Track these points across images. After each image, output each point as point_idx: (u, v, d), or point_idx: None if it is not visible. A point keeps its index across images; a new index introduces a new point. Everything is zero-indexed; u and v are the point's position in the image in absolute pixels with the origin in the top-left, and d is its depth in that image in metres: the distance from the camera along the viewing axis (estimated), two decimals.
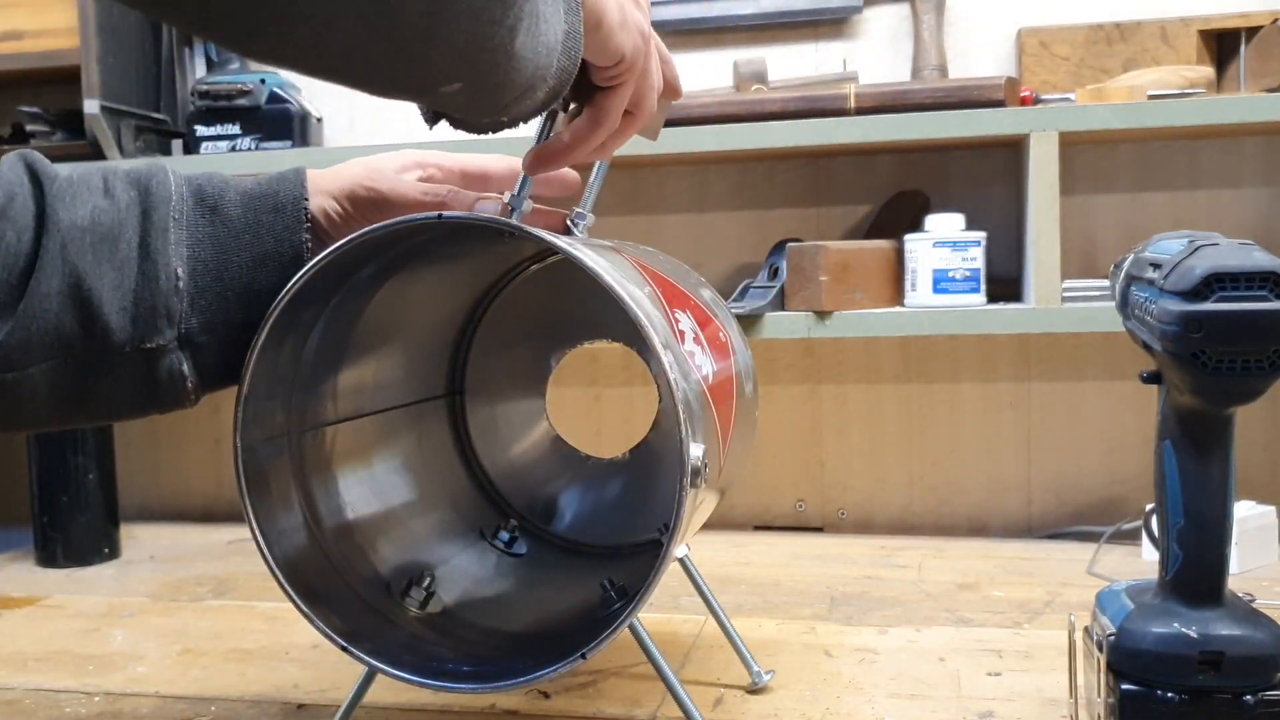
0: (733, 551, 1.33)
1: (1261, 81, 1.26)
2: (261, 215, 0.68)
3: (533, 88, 0.53)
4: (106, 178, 0.67)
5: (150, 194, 0.66)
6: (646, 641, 0.73)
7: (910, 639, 0.98)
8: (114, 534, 1.39)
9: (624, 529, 0.90)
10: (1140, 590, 0.72)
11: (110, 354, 0.65)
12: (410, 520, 0.83)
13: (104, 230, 0.64)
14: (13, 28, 1.48)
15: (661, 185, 1.50)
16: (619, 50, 0.59)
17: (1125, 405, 1.39)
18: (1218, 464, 0.67)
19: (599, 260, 0.63)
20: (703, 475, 0.61)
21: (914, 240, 1.28)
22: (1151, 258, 0.68)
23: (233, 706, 0.87)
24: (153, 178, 0.67)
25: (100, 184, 0.66)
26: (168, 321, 0.65)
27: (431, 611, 0.76)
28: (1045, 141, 1.21)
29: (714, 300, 0.83)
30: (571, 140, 0.64)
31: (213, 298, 0.66)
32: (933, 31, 1.39)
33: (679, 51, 1.51)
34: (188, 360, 0.66)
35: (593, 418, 1.50)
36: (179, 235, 0.66)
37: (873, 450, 1.46)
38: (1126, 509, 1.36)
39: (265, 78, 1.48)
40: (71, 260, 0.63)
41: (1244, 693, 0.65)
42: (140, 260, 0.65)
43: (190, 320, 0.66)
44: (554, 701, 0.85)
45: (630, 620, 0.64)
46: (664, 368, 0.61)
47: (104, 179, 0.67)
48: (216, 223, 0.67)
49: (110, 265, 0.64)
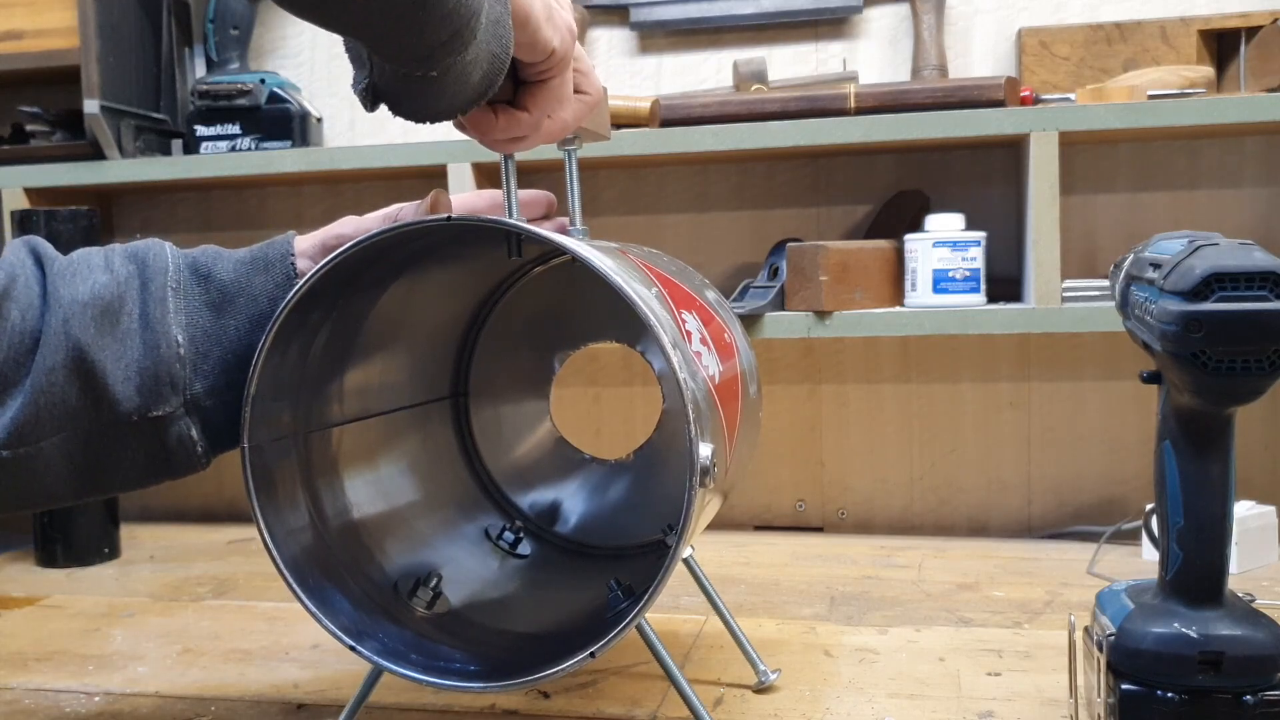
0: (733, 551, 1.33)
1: (1261, 81, 1.26)
2: (253, 277, 0.70)
3: (459, 34, 0.53)
4: (106, 255, 0.70)
5: (147, 266, 0.69)
6: (654, 641, 0.73)
7: (910, 639, 0.98)
8: (114, 534, 1.39)
9: (628, 530, 0.90)
10: (1140, 590, 0.72)
11: (119, 424, 0.67)
12: (416, 521, 0.83)
13: (105, 304, 0.67)
14: (12, 28, 1.48)
15: (661, 185, 1.50)
16: (547, 45, 0.61)
17: (1125, 405, 1.39)
18: (1218, 464, 0.67)
19: (606, 261, 0.63)
20: (711, 475, 0.61)
21: (914, 240, 1.28)
22: (1151, 258, 0.69)
23: (233, 706, 0.87)
24: (149, 251, 0.70)
25: (101, 261, 0.69)
26: (172, 389, 0.67)
27: (438, 611, 0.77)
28: (1045, 141, 1.21)
29: (718, 301, 0.84)
30: (505, 121, 0.64)
31: (214, 362, 0.68)
32: (932, 31, 1.39)
33: (679, 51, 1.51)
34: (196, 425, 0.68)
35: (592, 418, 1.50)
36: (177, 304, 0.68)
37: (873, 450, 1.46)
38: (1126, 509, 1.36)
39: (265, 77, 1.48)
40: (74, 334, 0.65)
41: (1244, 693, 0.65)
42: (141, 330, 0.67)
43: (194, 385, 0.68)
44: (554, 701, 0.85)
45: (639, 620, 0.64)
46: (673, 368, 0.61)
47: (104, 257, 0.69)
48: (211, 289, 0.69)
49: (112, 337, 0.66)
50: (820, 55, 1.48)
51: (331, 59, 1.61)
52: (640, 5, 1.49)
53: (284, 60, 1.62)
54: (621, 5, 1.50)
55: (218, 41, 1.51)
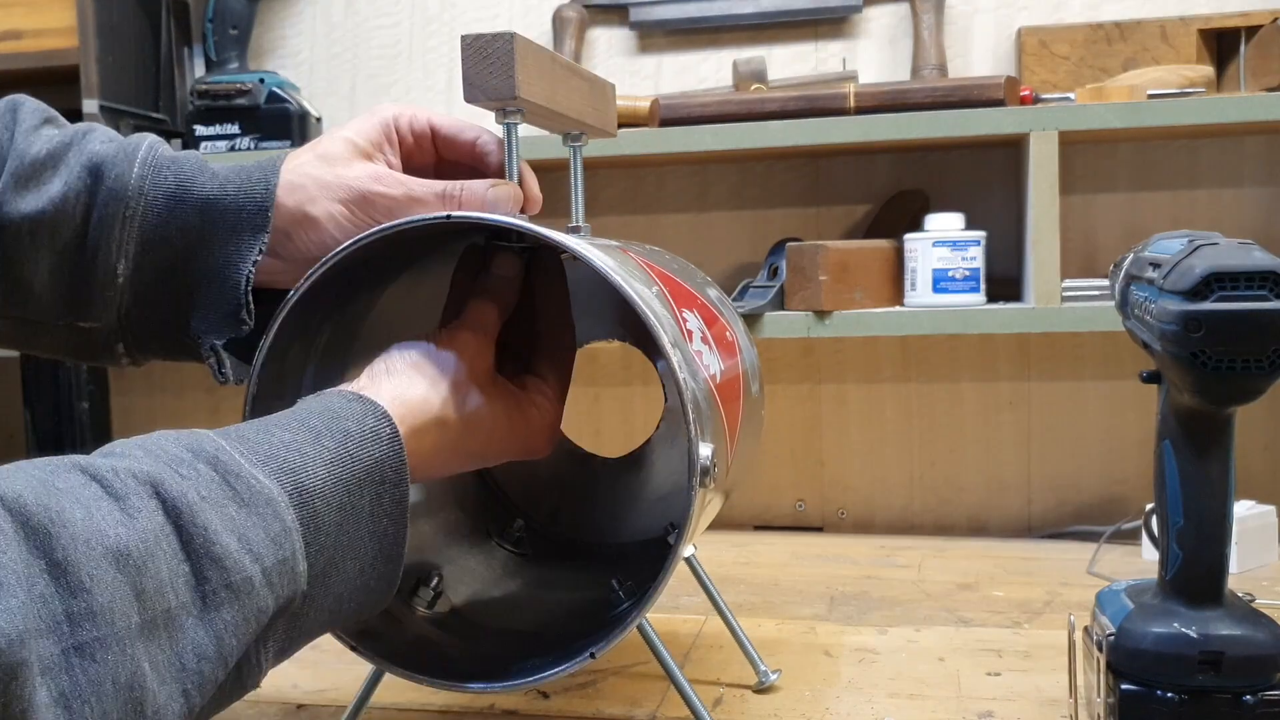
0: (733, 551, 1.33)
1: (1261, 81, 1.26)
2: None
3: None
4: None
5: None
6: (655, 641, 0.73)
7: (910, 639, 0.98)
8: None
9: (630, 529, 0.90)
10: (1140, 590, 0.72)
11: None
12: (417, 520, 0.83)
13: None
14: (12, 27, 1.48)
15: (661, 185, 1.50)
16: None
17: (1125, 405, 1.39)
18: (1218, 464, 0.67)
19: (606, 260, 0.63)
20: (712, 475, 0.61)
21: (914, 240, 1.28)
22: (1151, 257, 0.69)
23: (232, 706, 0.87)
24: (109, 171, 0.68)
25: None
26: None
27: (439, 611, 0.76)
28: (1045, 141, 1.21)
29: (720, 299, 0.83)
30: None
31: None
32: (932, 31, 1.39)
33: (679, 51, 1.51)
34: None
35: (592, 418, 1.50)
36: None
37: (872, 450, 1.46)
38: (1126, 509, 1.36)
39: (264, 77, 1.48)
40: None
41: (1244, 693, 0.65)
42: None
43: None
44: (553, 701, 0.85)
45: (639, 620, 0.64)
46: (673, 367, 0.61)
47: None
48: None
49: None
50: (820, 55, 1.48)
51: (331, 59, 1.61)
52: (640, 5, 1.49)
53: (283, 60, 1.62)
54: (621, 5, 1.50)
55: (217, 41, 1.51)
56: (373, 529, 0.54)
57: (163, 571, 0.44)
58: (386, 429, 0.55)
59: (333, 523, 0.52)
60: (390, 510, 0.55)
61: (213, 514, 0.46)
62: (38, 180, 0.66)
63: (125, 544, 0.43)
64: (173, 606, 0.44)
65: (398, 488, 0.55)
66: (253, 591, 0.47)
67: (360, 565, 0.54)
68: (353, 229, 0.68)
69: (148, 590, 0.43)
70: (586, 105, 0.76)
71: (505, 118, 0.67)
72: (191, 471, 0.48)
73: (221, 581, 0.46)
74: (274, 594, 0.48)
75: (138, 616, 0.42)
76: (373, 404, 0.57)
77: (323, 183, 0.69)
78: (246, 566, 0.47)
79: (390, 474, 0.55)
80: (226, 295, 0.67)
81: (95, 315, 0.67)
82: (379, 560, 0.55)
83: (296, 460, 0.51)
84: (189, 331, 0.69)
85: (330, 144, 0.70)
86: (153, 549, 0.44)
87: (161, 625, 0.44)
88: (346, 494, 0.53)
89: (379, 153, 0.70)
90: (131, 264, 0.67)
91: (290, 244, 0.68)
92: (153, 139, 0.70)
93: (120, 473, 0.45)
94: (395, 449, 0.55)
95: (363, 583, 0.54)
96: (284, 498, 0.50)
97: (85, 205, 0.66)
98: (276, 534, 0.48)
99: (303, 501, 0.50)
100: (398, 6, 1.59)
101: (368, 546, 0.54)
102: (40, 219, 0.65)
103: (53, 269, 0.66)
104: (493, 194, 0.68)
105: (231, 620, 0.46)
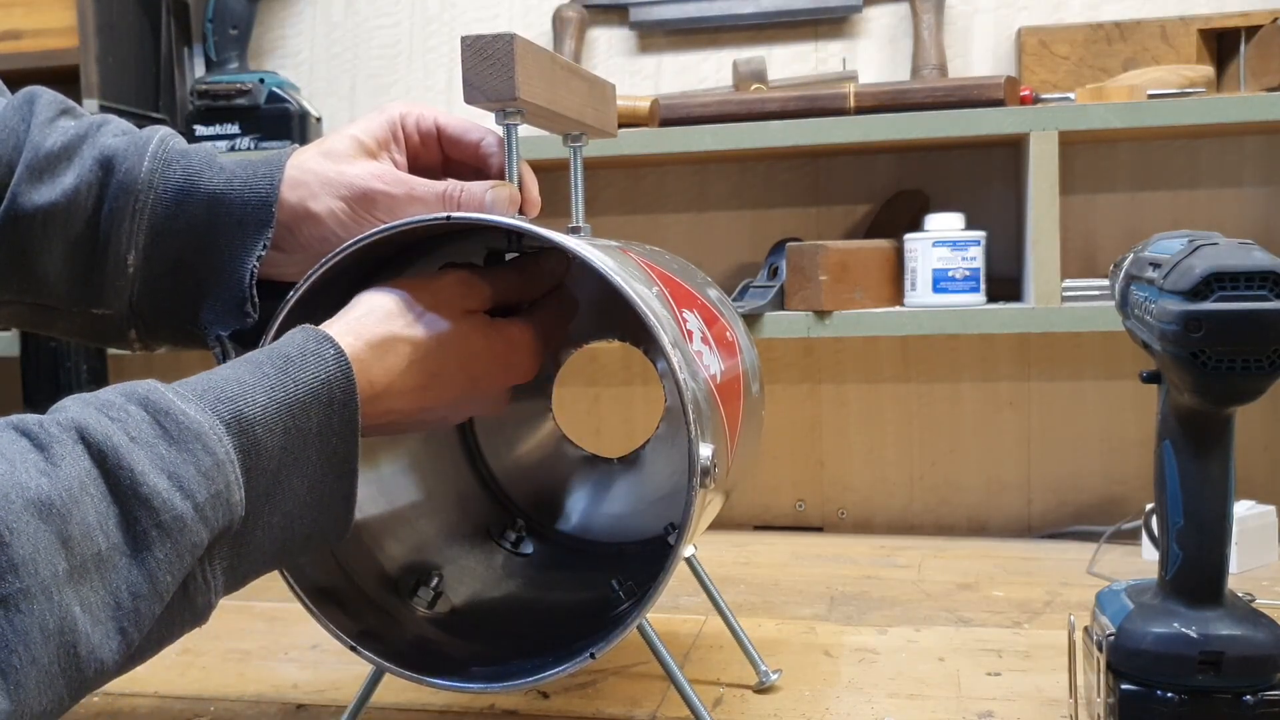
0: (732, 551, 1.33)
1: (1261, 81, 1.26)
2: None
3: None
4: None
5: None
6: (655, 642, 0.73)
7: (910, 639, 0.98)
8: None
9: (630, 529, 0.90)
10: (1140, 590, 0.72)
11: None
12: (417, 520, 0.83)
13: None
14: (11, 27, 1.48)
15: (661, 185, 1.50)
16: None
17: (1125, 405, 1.39)
18: (1218, 464, 0.67)
19: (606, 260, 0.63)
20: (712, 475, 0.61)
21: (914, 240, 1.28)
22: (1151, 257, 0.69)
23: (232, 706, 0.87)
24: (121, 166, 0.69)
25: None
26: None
27: (439, 611, 0.76)
28: (1045, 141, 1.21)
29: (720, 299, 0.83)
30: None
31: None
32: (932, 31, 1.39)
33: (679, 51, 1.51)
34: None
35: (592, 417, 1.50)
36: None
37: (872, 450, 1.46)
38: (1126, 509, 1.36)
39: (264, 77, 1.48)
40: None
41: (1244, 693, 0.65)
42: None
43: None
44: (553, 701, 0.85)
45: (639, 620, 0.64)
46: (673, 367, 0.61)
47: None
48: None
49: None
50: (820, 55, 1.48)
51: (331, 59, 1.61)
52: (640, 5, 1.49)
53: (283, 60, 1.62)
54: (621, 5, 1.50)
55: (217, 41, 1.51)
56: (321, 448, 0.55)
57: (90, 516, 0.45)
58: (329, 350, 0.56)
59: (277, 446, 0.53)
60: (339, 429, 0.56)
61: (141, 454, 0.47)
62: (51, 172, 0.68)
63: (47, 494, 0.44)
64: (103, 549, 0.45)
65: (346, 406, 0.56)
66: (184, 529, 0.48)
67: (309, 483, 0.55)
68: (353, 225, 0.68)
69: (74, 536, 0.44)
70: (586, 106, 0.76)
71: (505, 118, 0.67)
72: (121, 414, 0.49)
73: (151, 521, 0.47)
74: (208, 528, 0.49)
75: (65, 563, 0.44)
76: (314, 330, 0.58)
77: (325, 179, 0.69)
78: (176, 504, 0.48)
79: (339, 394, 0.56)
80: (232, 288, 0.68)
81: (107, 303, 0.69)
82: (329, 476, 0.56)
83: (234, 390, 0.52)
84: (197, 321, 0.70)
85: (336, 141, 0.70)
86: (78, 495, 0.45)
87: (93, 568, 0.45)
88: (290, 416, 0.54)
89: (384, 151, 0.71)
90: (141, 255, 0.68)
91: (294, 238, 0.69)
92: (165, 132, 0.71)
93: (47, 424, 0.47)
94: (341, 367, 0.56)
95: (314, 499, 0.55)
96: (218, 429, 0.50)
97: (96, 197, 0.68)
98: (208, 468, 0.49)
99: (242, 430, 0.52)
100: (398, 6, 1.59)
101: (316, 465, 0.55)
102: (53, 210, 0.67)
103: (66, 258, 0.68)
104: (491, 196, 0.68)
105: (164, 558, 0.47)
